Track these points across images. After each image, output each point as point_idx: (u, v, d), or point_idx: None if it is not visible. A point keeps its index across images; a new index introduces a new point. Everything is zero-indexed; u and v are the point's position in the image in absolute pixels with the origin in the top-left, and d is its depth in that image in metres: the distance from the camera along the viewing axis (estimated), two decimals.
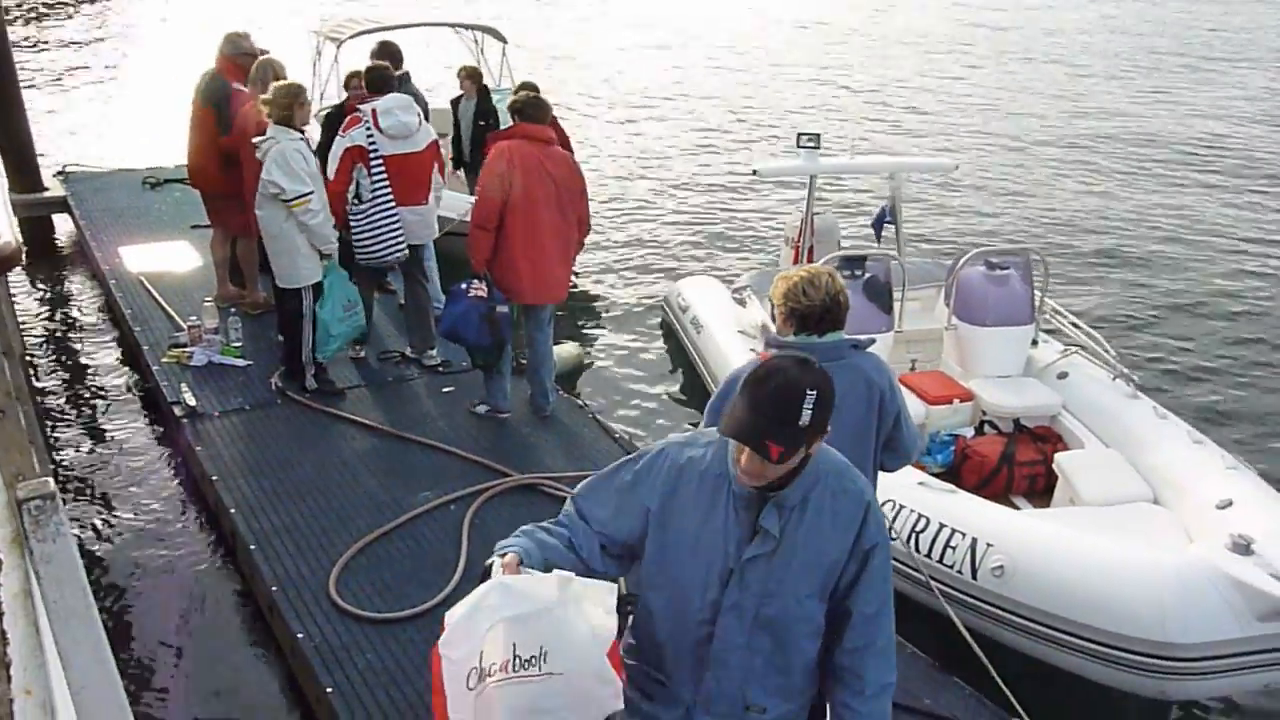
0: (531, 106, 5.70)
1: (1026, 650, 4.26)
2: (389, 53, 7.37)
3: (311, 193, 5.77)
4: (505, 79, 10.65)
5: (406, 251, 6.36)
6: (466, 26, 11.11)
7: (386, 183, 6.17)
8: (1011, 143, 15.32)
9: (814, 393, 2.15)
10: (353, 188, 6.09)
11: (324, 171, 6.11)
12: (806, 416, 2.14)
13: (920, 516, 4.56)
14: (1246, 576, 3.81)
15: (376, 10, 18.79)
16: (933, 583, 4.41)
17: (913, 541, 4.60)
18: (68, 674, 1.59)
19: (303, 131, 5.87)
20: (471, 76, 9.05)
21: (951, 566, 4.44)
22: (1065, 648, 4.15)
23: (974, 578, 4.34)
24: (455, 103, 9.20)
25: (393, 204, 6.19)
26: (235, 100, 6.84)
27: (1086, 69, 21.04)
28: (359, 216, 6.15)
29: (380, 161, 6.15)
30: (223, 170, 6.83)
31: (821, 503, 2.32)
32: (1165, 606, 3.89)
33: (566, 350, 7.57)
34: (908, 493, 4.62)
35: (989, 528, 4.45)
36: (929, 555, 4.54)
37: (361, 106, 6.33)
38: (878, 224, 7.22)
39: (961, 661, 4.26)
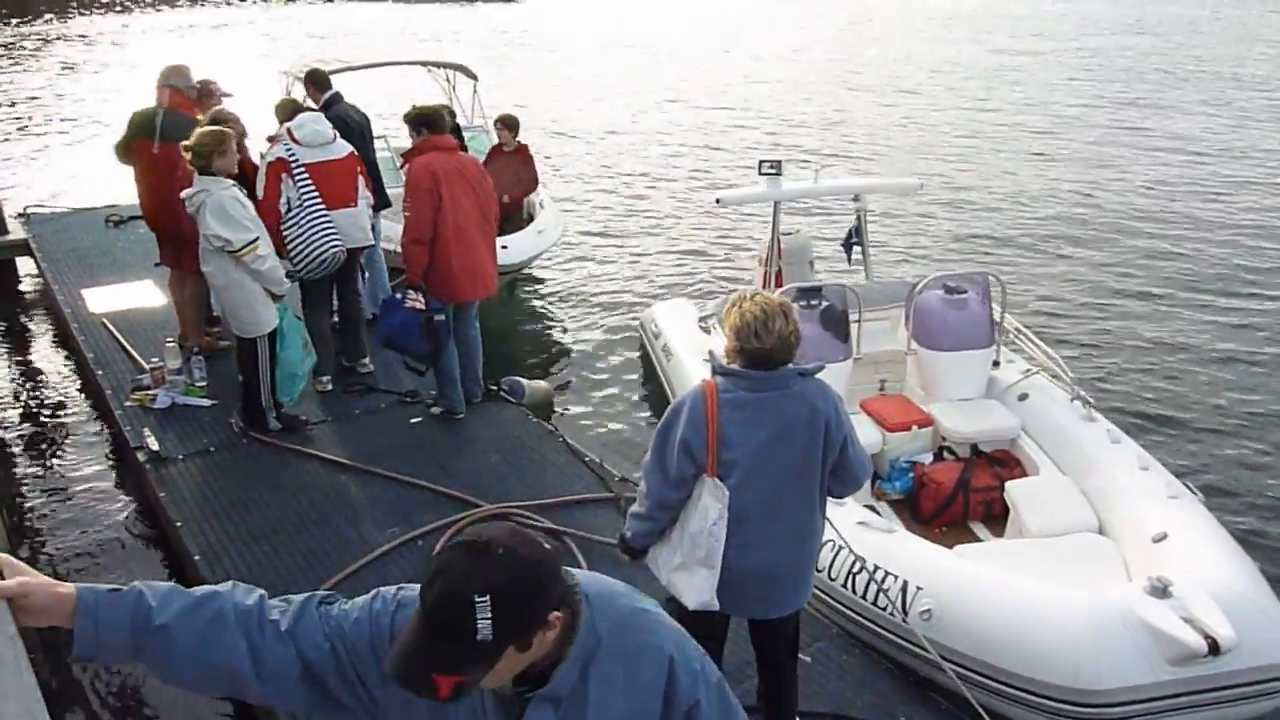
0: (433, 119, 6.10)
1: (956, 691, 4.21)
2: (315, 78, 7.64)
3: (257, 238, 5.69)
4: (478, 116, 10.72)
5: (345, 252, 6.47)
6: (438, 65, 11.16)
7: (313, 188, 6.33)
8: (976, 164, 15.55)
9: (486, 598, 1.59)
10: (283, 201, 6.27)
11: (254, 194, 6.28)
12: (485, 629, 1.59)
13: (857, 558, 4.55)
14: (1158, 621, 3.80)
15: (345, 51, 18.83)
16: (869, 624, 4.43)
17: (849, 583, 4.61)
18: None
19: (231, 178, 5.76)
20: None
21: (884, 609, 4.45)
22: (990, 692, 4.14)
23: (905, 621, 4.35)
24: None
25: (322, 208, 6.35)
26: None
27: (1052, 93, 21.41)
28: (291, 225, 6.29)
29: (303, 169, 6.33)
30: None
31: (607, 674, 1.77)
32: (1079, 652, 3.87)
33: (538, 387, 7.58)
34: (848, 533, 4.62)
35: (921, 569, 4.45)
36: (864, 597, 4.55)
37: (278, 131, 6.66)
38: (848, 244, 7.32)
39: (936, 679, 4.29)
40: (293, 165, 6.29)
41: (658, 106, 20.05)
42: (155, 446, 6.10)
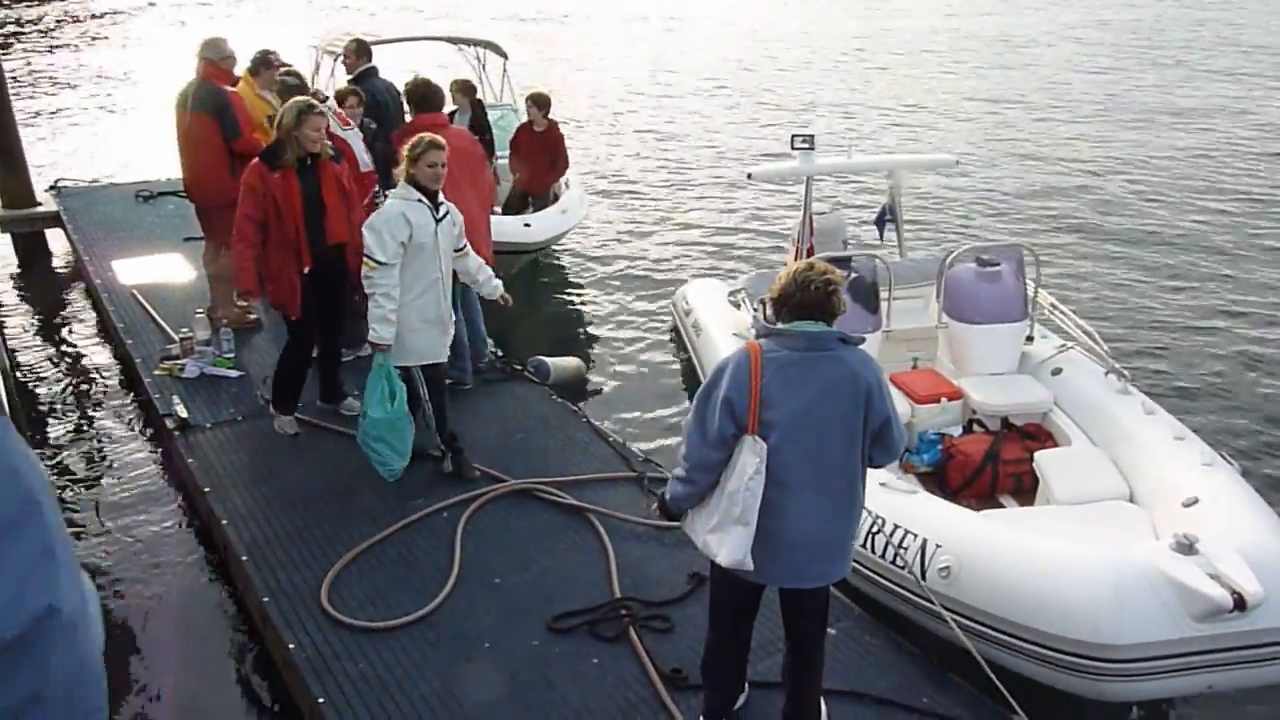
0: (426, 96, 6.13)
1: (975, 650, 4.15)
2: (362, 47, 7.64)
3: (382, 265, 4.99)
4: (507, 93, 10.64)
5: None
6: (468, 41, 11.08)
7: None
8: (1010, 138, 15.31)
9: None
10: None
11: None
12: None
13: (877, 518, 4.51)
14: (1183, 576, 3.71)
15: (375, 23, 18.79)
16: (886, 581, 4.38)
17: (868, 543, 4.56)
18: None
19: (433, 194, 5.12)
20: (464, 90, 8.85)
21: (903, 568, 4.40)
22: (1009, 649, 4.09)
23: (923, 579, 4.30)
24: (450, 117, 9.10)
25: None
26: (236, 105, 6.87)
27: (1084, 65, 21.03)
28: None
29: None
30: (232, 177, 6.80)
31: None
32: (1100, 607, 3.79)
33: (568, 363, 7.54)
34: (868, 494, 4.53)
35: (940, 528, 4.40)
36: (883, 556, 4.51)
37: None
38: (880, 222, 7.22)
39: (958, 660, 4.23)
40: None
41: (686, 82, 19.87)
42: (184, 414, 6.14)
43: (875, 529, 4.53)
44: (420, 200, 5.08)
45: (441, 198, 5.22)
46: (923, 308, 6.55)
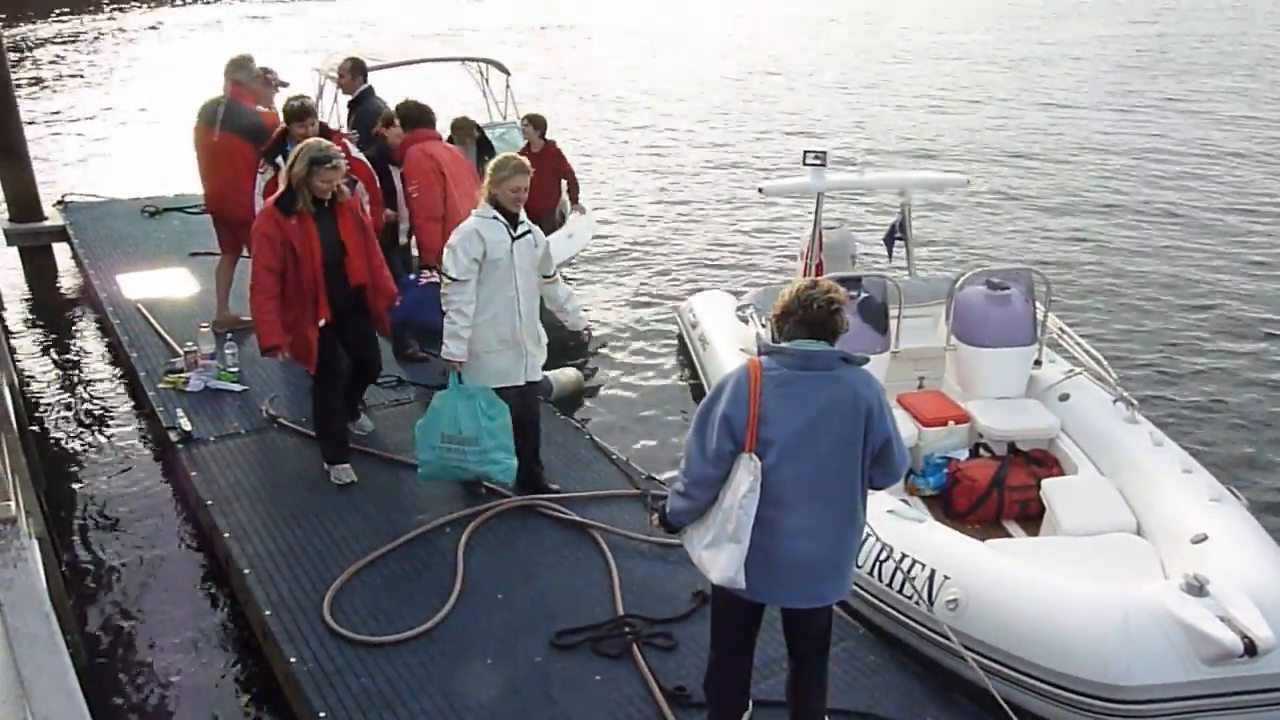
0: (421, 115, 6.67)
1: (980, 684, 4.11)
2: (360, 67, 7.76)
3: (455, 280, 5.00)
4: (510, 110, 10.69)
5: None
6: (471, 60, 11.18)
7: None
8: (1021, 161, 15.31)
9: None
10: None
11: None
12: None
13: (885, 546, 4.48)
14: (1193, 619, 3.69)
15: (373, 47, 18.90)
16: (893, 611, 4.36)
17: (875, 571, 4.53)
18: (31, 702, 1.50)
19: (512, 214, 5.06)
20: (466, 129, 8.00)
21: (910, 598, 4.37)
22: (1016, 685, 4.06)
23: (930, 610, 4.27)
24: None
25: None
26: (270, 126, 6.89)
27: (1093, 87, 21.07)
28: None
29: None
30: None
31: None
32: (1109, 647, 3.77)
33: (566, 375, 7.52)
34: (876, 521, 4.50)
35: (948, 559, 4.37)
36: (889, 585, 4.48)
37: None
38: (889, 239, 7.22)
39: (962, 681, 4.20)
40: None
41: (694, 96, 19.96)
42: (188, 427, 6.12)
43: (883, 557, 4.50)
44: (496, 218, 5.04)
45: (523, 217, 5.18)
46: (931, 327, 6.54)
